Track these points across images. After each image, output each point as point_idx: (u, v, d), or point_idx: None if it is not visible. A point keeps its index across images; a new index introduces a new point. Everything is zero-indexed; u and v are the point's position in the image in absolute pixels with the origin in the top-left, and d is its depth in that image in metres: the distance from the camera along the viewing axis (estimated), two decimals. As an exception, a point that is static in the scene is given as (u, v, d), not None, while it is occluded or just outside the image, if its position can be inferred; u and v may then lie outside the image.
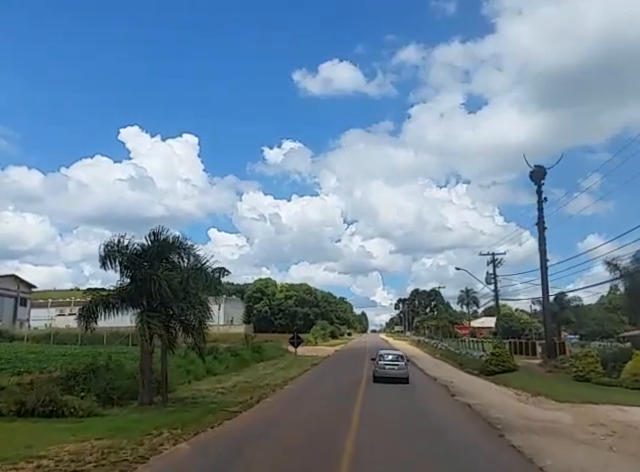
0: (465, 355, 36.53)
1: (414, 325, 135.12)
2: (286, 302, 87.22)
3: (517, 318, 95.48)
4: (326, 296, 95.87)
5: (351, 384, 19.04)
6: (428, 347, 60.41)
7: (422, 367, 30.36)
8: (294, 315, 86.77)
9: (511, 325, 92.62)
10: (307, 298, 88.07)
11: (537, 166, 35.34)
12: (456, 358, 37.70)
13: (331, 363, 32.03)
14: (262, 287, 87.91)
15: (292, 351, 42.12)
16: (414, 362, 34.67)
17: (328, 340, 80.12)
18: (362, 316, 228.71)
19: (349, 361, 33.94)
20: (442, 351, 47.87)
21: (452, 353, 42.21)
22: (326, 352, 45.77)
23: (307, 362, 30.80)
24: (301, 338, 32.96)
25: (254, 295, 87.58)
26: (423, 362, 35.20)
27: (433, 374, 25.29)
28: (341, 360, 35.32)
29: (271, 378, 20.26)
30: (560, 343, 37.10)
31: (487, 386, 21.66)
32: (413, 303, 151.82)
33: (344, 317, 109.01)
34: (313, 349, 51.30)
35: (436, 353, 48.07)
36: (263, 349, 31.12)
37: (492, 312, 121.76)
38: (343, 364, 30.95)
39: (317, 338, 68.55)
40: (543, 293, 34.40)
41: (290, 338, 33.17)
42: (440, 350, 50.19)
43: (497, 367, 26.88)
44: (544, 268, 33.79)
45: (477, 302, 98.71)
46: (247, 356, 27.73)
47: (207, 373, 20.54)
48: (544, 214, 34.08)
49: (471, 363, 31.31)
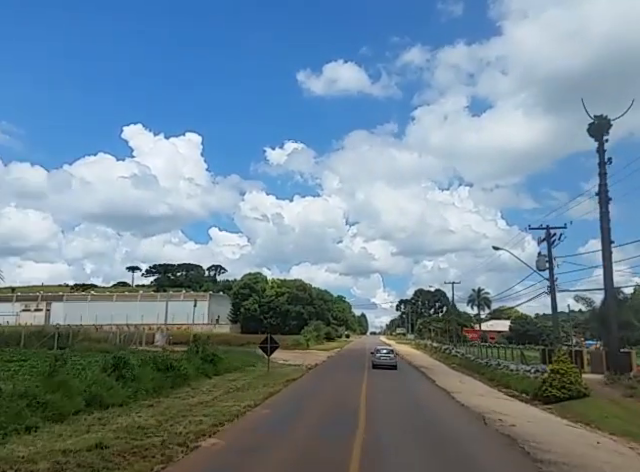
0: (496, 368, 27.60)
1: (417, 327, 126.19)
2: (277, 299, 78.27)
3: (533, 321, 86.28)
4: (322, 294, 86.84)
5: (338, 442, 9.50)
6: (438, 353, 51.45)
7: (443, 385, 21.43)
8: (286, 314, 77.82)
9: (527, 329, 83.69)
10: (301, 295, 79.12)
11: (598, 116, 26.46)
12: (482, 371, 28.82)
13: (316, 379, 23.13)
14: (251, 283, 78.98)
15: (273, 357, 33.29)
16: (428, 375, 25.82)
17: (323, 342, 71.13)
18: (362, 317, 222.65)
19: (342, 375, 25.06)
20: (458, 359, 38.97)
21: (473, 363, 33.32)
22: (315, 359, 36.91)
23: (282, 376, 21.96)
24: (276, 342, 24.08)
25: (241, 291, 78.67)
26: (440, 376, 26.34)
27: (466, 401, 16.38)
28: (332, 373, 26.43)
29: (190, 420, 11.26)
30: (623, 354, 28.32)
31: (564, 428, 12.81)
32: (416, 304, 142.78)
33: (342, 317, 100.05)
34: (301, 354, 42.40)
35: (450, 362, 39.16)
36: (220, 358, 22.19)
37: (498, 315, 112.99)
38: (333, 381, 22.02)
39: (309, 340, 59.68)
40: (606, 286, 25.54)
41: (261, 342, 24.26)
42: (455, 358, 41.27)
43: (561, 391, 17.99)
44: (607, 252, 24.95)
45: (489, 303, 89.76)
46: (191, 369, 18.81)
47: (87, 405, 11.65)
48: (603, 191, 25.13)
49: (512, 381, 22.41)
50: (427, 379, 24.88)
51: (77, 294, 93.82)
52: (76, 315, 74.02)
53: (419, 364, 35.29)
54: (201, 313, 78.89)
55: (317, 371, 27.37)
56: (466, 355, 39.87)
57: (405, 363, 37.46)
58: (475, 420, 12.99)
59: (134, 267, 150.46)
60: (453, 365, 36.21)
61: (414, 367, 33.12)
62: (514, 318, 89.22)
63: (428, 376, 26.13)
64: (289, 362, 32.31)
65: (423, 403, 16.28)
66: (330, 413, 13.29)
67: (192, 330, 77.70)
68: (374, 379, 23.27)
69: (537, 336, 79.85)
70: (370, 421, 11.99)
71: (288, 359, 35.08)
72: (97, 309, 79.35)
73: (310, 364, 31.55)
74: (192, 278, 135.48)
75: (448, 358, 42.83)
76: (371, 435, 10.24)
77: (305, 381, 21.62)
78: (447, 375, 27.67)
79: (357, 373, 25.82)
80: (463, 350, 45.75)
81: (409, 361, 39.10)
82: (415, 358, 43.21)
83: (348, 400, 15.73)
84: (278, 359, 33.66)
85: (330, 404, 14.96)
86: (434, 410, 14.78)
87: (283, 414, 12.87)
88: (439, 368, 33.11)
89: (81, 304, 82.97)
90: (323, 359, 37.68)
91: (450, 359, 41.32)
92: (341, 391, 18.47)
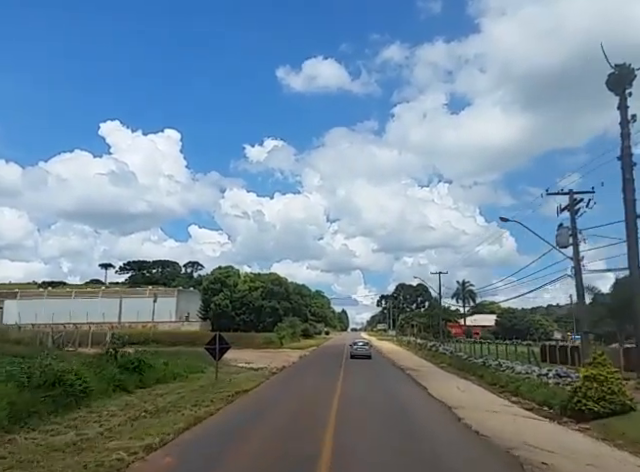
0: (497, 369, 22.98)
1: (399, 323, 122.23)
2: (250, 294, 72.98)
3: (519, 315, 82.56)
4: (299, 288, 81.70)
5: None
6: (423, 351, 46.96)
7: (438, 395, 16.54)
8: (260, 310, 72.60)
9: (514, 323, 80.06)
10: (276, 290, 73.92)
11: (620, 65, 21.89)
12: (479, 373, 24.20)
13: (276, 389, 18.10)
14: (222, 277, 73.45)
15: (234, 359, 28.27)
16: (417, 380, 21.06)
17: (299, 340, 66.21)
18: (342, 314, 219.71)
19: (312, 382, 20.15)
20: (447, 358, 34.40)
21: (467, 363, 28.73)
22: (285, 360, 31.89)
23: (232, 387, 16.90)
24: (227, 342, 18.89)
25: (211, 286, 73.14)
26: (432, 381, 21.56)
27: (476, 423, 11.54)
28: (299, 380, 21.47)
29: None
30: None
31: None
32: (398, 299, 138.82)
33: (320, 314, 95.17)
34: (271, 355, 37.38)
35: (439, 361, 34.56)
36: (148, 365, 16.97)
37: (481, 309, 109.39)
38: (297, 392, 17.01)
39: (283, 338, 54.63)
40: (631, 267, 21.05)
41: (207, 343, 19.02)
42: (443, 356, 36.73)
43: (599, 404, 13.29)
44: (632, 228, 20.44)
45: (474, 296, 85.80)
46: (97, 382, 13.59)
47: None
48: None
49: (523, 388, 17.69)
50: (417, 385, 20.09)
51: (32, 291, 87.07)
52: (30, 313, 68.18)
53: (404, 364, 30.62)
54: (168, 310, 73.19)
55: (282, 376, 22.36)
56: (456, 353, 35.33)
57: (388, 363, 32.71)
58: (507, 469, 8.08)
59: (107, 264, 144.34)
60: (443, 365, 31.59)
61: (399, 368, 28.39)
62: (500, 312, 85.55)
63: (418, 381, 21.35)
64: (252, 365, 27.27)
65: (417, 429, 11.37)
66: (276, 457, 8.27)
67: (157, 328, 72.53)
68: (351, 386, 18.43)
69: (524, 331, 76.34)
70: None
71: (252, 361, 30.07)
72: (54, 307, 73.09)
73: (276, 367, 26.54)
74: (168, 275, 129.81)
75: (436, 356, 38.27)
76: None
77: (260, 394, 16.55)
78: (440, 379, 22.92)
79: (331, 378, 20.93)
80: (451, 347, 41.27)
81: (393, 361, 34.38)
82: (399, 357, 38.57)
83: (313, 426, 10.77)
84: (240, 361, 28.66)
85: (282, 437, 9.93)
86: (435, 444, 9.88)
87: (194, 467, 7.81)
88: (428, 369, 28.40)
89: (37, 302, 76.59)
90: (294, 360, 32.68)
91: (438, 358, 36.74)
92: (305, 409, 13.49)
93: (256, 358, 33.11)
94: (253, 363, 28.64)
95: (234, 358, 31.61)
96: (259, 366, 26.62)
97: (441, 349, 40.74)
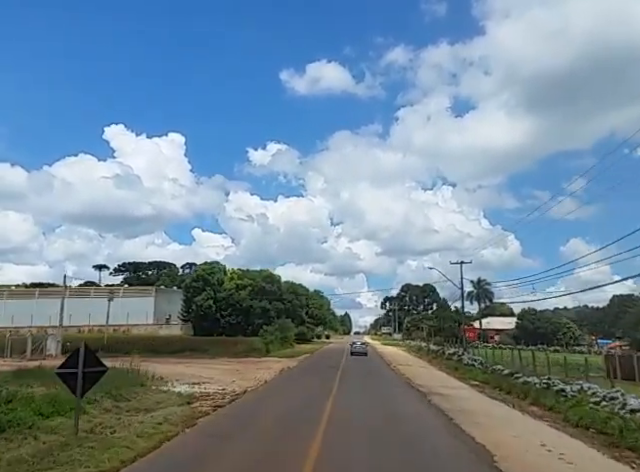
0: (582, 399, 13.99)
1: (405, 326, 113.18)
2: (237, 293, 64.02)
3: (544, 316, 72.98)
4: (294, 287, 72.45)
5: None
6: (439, 359, 38.01)
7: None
8: (248, 311, 63.64)
9: (538, 326, 70.64)
10: (267, 288, 64.90)
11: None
12: (547, 401, 15.24)
13: (192, 456, 8.91)
14: (205, 274, 64.47)
15: (184, 374, 19.54)
16: (460, 423, 11.92)
17: (292, 346, 57.31)
18: (345, 317, 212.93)
19: (273, 438, 11.08)
20: (479, 372, 25.42)
21: (511, 382, 19.76)
22: (257, 377, 22.75)
23: (89, 457, 7.84)
24: (100, 363, 9.90)
25: (194, 285, 64.16)
26: (487, 429, 12.61)
27: None
28: (253, 425, 12.35)
29: None
30: None
31: None
32: (404, 300, 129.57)
33: (319, 315, 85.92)
34: (244, 367, 28.52)
35: (467, 376, 25.56)
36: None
37: (491, 312, 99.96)
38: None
39: (270, 344, 45.67)
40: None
41: (62, 364, 9.98)
42: (471, 368, 27.79)
43: None
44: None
45: (491, 296, 76.49)
46: None
47: None
48: None
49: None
50: (462, 436, 11.05)
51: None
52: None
53: (425, 385, 21.48)
54: (144, 311, 64.42)
55: (230, 413, 13.33)
56: (491, 366, 26.26)
57: (400, 381, 23.56)
58: None
59: (101, 265, 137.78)
60: (476, 383, 22.58)
61: (418, 391, 19.25)
62: (521, 313, 76.14)
63: (458, 424, 12.32)
64: (204, 385, 18.35)
65: None
66: None
67: (130, 332, 63.76)
68: (343, 441, 9.56)
69: (550, 334, 67.01)
70: None
71: (212, 378, 21.29)
72: (15, 309, 64.67)
73: (236, 390, 17.57)
74: (164, 276, 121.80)
75: (460, 369, 29.23)
76: None
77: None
78: (495, 417, 13.85)
79: (310, 421, 12.00)
80: (479, 356, 32.10)
81: (406, 377, 25.06)
82: (414, 371, 29.50)
83: None
84: (192, 379, 19.93)
85: None
86: None
87: None
88: (462, 393, 19.26)
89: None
90: (270, 376, 23.55)
91: (465, 371, 27.70)
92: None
93: (220, 373, 24.20)
94: (209, 382, 19.75)
95: (188, 373, 22.76)
96: (212, 389, 17.70)
97: (466, 358, 31.66)
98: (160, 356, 37.69)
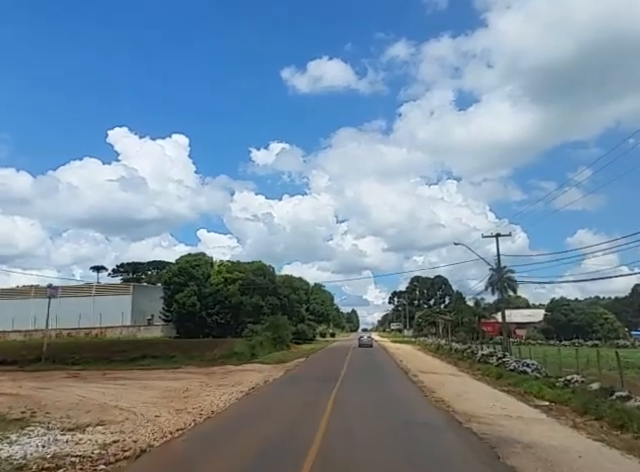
0: None
1: (416, 321, 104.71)
2: (226, 289, 55.83)
3: (578, 308, 63.97)
4: (290, 280, 63.86)
5: None
6: (467, 361, 29.67)
7: None
8: (238, 308, 55.48)
9: (571, 318, 61.73)
10: (258, 282, 56.58)
11: None
12: None
13: None
14: (188, 266, 56.23)
15: (101, 405, 11.07)
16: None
17: (287, 347, 48.92)
18: (352, 314, 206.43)
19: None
20: (543, 387, 17.03)
21: (613, 405, 11.44)
22: (186, 416, 14.11)
23: None
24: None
25: (175, 280, 55.99)
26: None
27: None
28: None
29: None
30: None
31: None
32: (413, 294, 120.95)
33: (321, 311, 77.49)
34: (203, 382, 20.14)
35: (529, 391, 17.11)
36: None
37: (505, 304, 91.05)
38: None
39: (258, 346, 37.36)
40: None
41: None
42: (525, 378, 19.39)
43: None
44: None
45: (514, 287, 67.63)
46: None
47: None
48: None
49: None
50: None
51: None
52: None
53: (483, 418, 12.95)
54: (120, 312, 56.30)
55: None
56: (556, 375, 17.78)
57: (435, 410, 14.91)
58: None
59: (99, 267, 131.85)
60: (544, 404, 14.17)
61: (489, 450, 10.66)
62: (551, 304, 67.25)
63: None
64: (53, 448, 10.07)
65: None
66: None
67: (104, 336, 55.84)
68: None
69: (586, 326, 58.21)
70: None
71: (122, 411, 13.07)
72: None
73: (122, 451, 9.24)
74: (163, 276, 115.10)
75: (507, 378, 20.78)
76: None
77: None
78: None
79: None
80: (524, 355, 23.45)
81: (443, 401, 16.23)
82: (447, 384, 21.02)
83: None
84: (92, 413, 11.84)
85: None
86: None
87: None
88: (559, 439, 10.69)
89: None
90: (222, 404, 14.91)
91: (516, 382, 19.22)
92: None
93: (156, 397, 15.90)
94: (108, 423, 11.45)
95: (99, 401, 14.64)
96: (93, 443, 9.47)
97: (512, 362, 23.11)
98: (111, 366, 29.56)
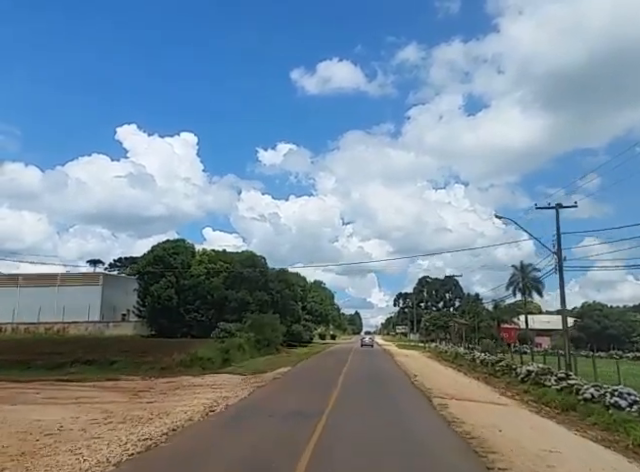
0: None
1: (423, 325, 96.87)
2: (209, 281, 48.41)
3: (613, 314, 55.80)
4: (283, 274, 56.15)
5: None
6: (503, 378, 21.99)
7: None
8: (222, 304, 48.01)
9: (605, 326, 53.71)
10: (246, 274, 49.11)
11: None
12: None
13: None
14: (165, 255, 48.81)
15: None
16: None
17: (277, 351, 41.33)
18: (355, 316, 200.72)
19: None
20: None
21: None
22: None
23: None
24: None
25: (149, 269, 48.58)
26: None
27: None
28: None
29: None
30: None
31: None
32: (420, 295, 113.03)
33: (320, 311, 69.86)
34: (98, 417, 12.49)
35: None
36: None
37: (519, 309, 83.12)
38: None
39: (234, 350, 29.82)
40: None
41: None
42: (622, 417, 11.70)
43: None
44: None
45: (539, 287, 59.80)
46: None
47: None
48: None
49: None
50: None
51: None
52: None
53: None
54: (86, 305, 48.95)
55: None
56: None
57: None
58: None
59: (96, 260, 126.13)
60: None
61: None
62: (582, 309, 59.07)
63: None
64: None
65: None
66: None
67: (67, 332, 48.54)
68: None
69: (622, 336, 50.28)
70: None
71: None
72: None
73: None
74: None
75: (588, 414, 13.19)
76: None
77: None
78: None
79: None
80: (600, 377, 15.79)
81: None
82: (504, 424, 13.35)
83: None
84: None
85: None
86: None
87: None
88: None
89: None
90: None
91: (611, 430, 11.63)
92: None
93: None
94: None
95: None
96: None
97: (588, 388, 15.40)
98: (25, 374, 22.10)
